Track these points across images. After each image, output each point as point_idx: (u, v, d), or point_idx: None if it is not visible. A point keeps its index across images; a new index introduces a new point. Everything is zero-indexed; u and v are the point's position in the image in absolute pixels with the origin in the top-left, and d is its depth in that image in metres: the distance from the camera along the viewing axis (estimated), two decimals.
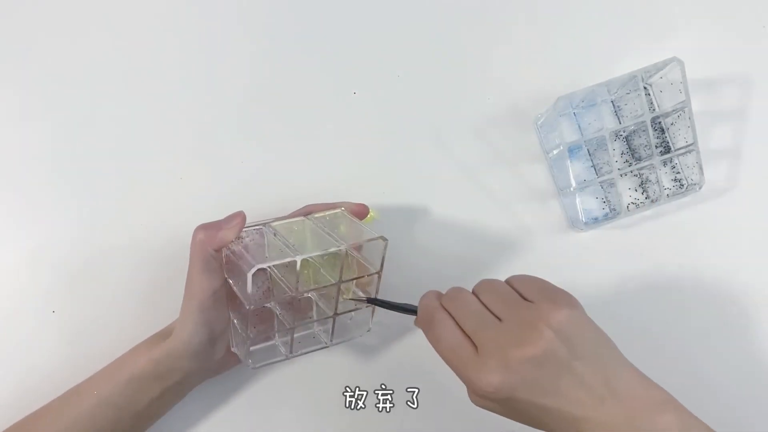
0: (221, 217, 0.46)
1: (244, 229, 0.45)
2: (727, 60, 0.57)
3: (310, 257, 0.43)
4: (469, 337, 0.39)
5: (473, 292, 0.42)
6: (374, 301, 0.46)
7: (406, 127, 0.56)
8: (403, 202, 0.55)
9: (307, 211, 0.49)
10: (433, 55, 0.56)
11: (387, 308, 0.46)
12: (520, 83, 0.56)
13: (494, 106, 0.56)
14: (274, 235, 0.46)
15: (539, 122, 0.55)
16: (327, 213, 0.49)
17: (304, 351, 0.48)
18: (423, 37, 0.56)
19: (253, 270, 0.40)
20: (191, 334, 0.44)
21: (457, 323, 0.40)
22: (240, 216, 0.45)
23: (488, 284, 0.42)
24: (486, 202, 0.55)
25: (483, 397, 0.38)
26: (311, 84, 0.56)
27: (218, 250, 0.44)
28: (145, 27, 0.56)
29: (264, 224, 0.47)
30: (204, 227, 0.45)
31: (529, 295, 0.40)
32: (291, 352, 0.47)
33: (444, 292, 0.43)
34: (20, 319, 0.53)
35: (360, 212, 0.50)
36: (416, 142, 0.56)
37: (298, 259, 0.41)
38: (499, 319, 0.39)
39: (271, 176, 0.55)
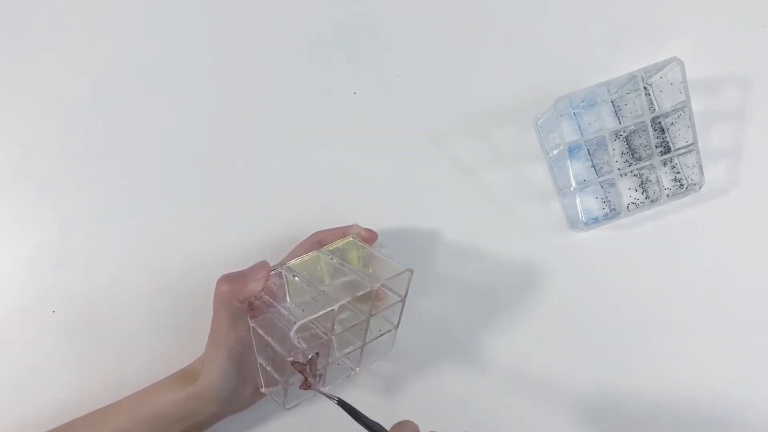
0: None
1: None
2: (727, 60, 0.57)
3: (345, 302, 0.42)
4: None
5: None
6: (343, 405, 0.43)
7: (406, 127, 0.56)
8: (402, 202, 0.55)
9: (316, 239, 0.49)
10: (433, 55, 0.56)
11: (353, 417, 0.43)
12: (520, 83, 0.56)
13: (494, 106, 0.56)
14: (294, 276, 0.45)
15: (539, 122, 0.55)
16: (339, 244, 0.48)
17: (334, 382, 0.48)
18: (423, 37, 0.56)
19: (296, 327, 0.39)
20: (219, 380, 0.44)
21: None
22: (265, 267, 0.44)
23: None
24: (486, 202, 0.55)
25: None
26: (311, 84, 0.56)
27: (243, 302, 0.43)
28: (146, 29, 0.56)
29: (281, 266, 0.46)
30: (228, 279, 0.43)
31: None
32: (323, 385, 0.46)
33: None
34: (20, 319, 0.53)
35: (369, 238, 0.49)
36: (416, 142, 0.56)
37: (336, 306, 0.41)
38: None
39: (271, 176, 0.55)
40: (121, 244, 0.54)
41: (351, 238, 0.49)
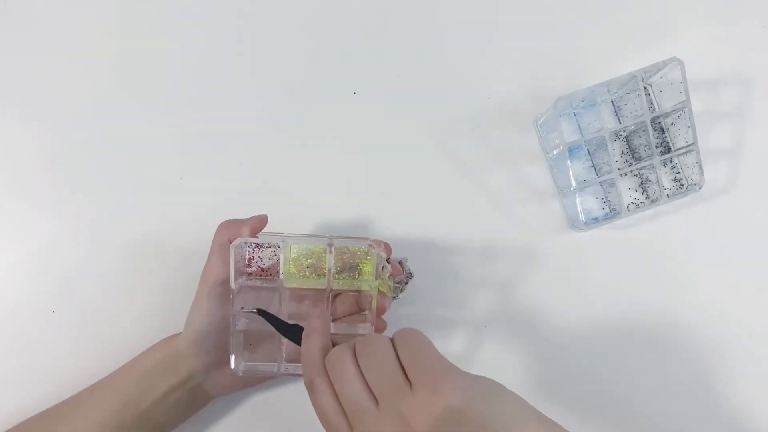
0: (220, 217, 0.47)
1: (261, 248, 0.46)
2: (727, 60, 0.57)
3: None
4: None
5: (356, 354, 0.38)
6: (263, 314, 0.44)
7: (406, 127, 0.56)
8: (402, 202, 0.55)
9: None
10: (433, 55, 0.56)
11: (272, 325, 0.44)
12: (520, 83, 0.56)
13: (494, 106, 0.56)
14: (289, 267, 0.46)
15: (539, 122, 0.55)
16: (356, 248, 0.46)
17: (293, 372, 0.48)
18: (423, 38, 0.56)
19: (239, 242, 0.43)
20: (198, 323, 0.45)
21: (337, 393, 0.37)
22: (262, 219, 0.47)
23: (371, 349, 0.38)
24: (486, 202, 0.55)
25: None
26: (311, 84, 0.56)
27: (232, 239, 0.45)
28: (144, 28, 0.56)
29: (283, 238, 0.46)
30: (228, 220, 0.47)
31: (411, 372, 0.36)
32: (281, 368, 0.47)
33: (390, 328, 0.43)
34: (20, 319, 0.53)
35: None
36: (416, 142, 0.56)
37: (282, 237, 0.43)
38: (377, 401, 0.36)
39: (271, 176, 0.55)
40: (122, 244, 0.54)
41: (372, 248, 0.46)
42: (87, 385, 0.47)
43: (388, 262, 0.47)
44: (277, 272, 0.46)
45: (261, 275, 0.46)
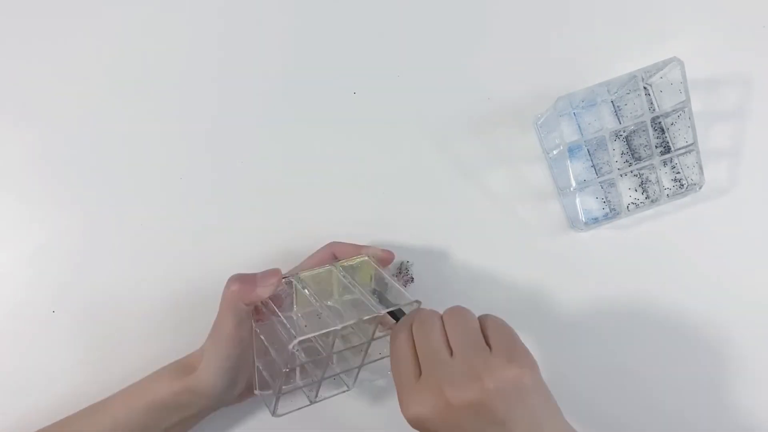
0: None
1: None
2: (727, 60, 0.57)
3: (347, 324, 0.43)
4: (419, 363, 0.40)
5: (443, 316, 0.42)
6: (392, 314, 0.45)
7: (406, 128, 0.56)
8: (402, 202, 0.55)
9: (331, 251, 0.49)
10: (433, 55, 0.56)
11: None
12: (520, 83, 0.56)
13: (494, 106, 0.56)
14: (303, 288, 0.46)
15: (539, 122, 0.55)
16: (354, 262, 0.48)
17: (326, 396, 0.47)
18: (423, 37, 0.56)
19: (295, 342, 0.40)
20: (215, 377, 0.44)
21: (416, 346, 0.40)
22: (277, 275, 0.45)
23: (459, 315, 0.42)
24: (486, 202, 0.55)
25: (408, 422, 0.39)
26: (311, 84, 0.56)
27: (249, 305, 0.44)
28: (144, 27, 0.56)
29: (293, 275, 0.47)
30: (239, 279, 0.44)
31: (492, 341, 0.40)
32: (315, 399, 0.46)
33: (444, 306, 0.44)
34: (20, 319, 0.53)
35: (385, 259, 0.49)
36: (416, 142, 0.56)
37: (339, 327, 0.41)
38: (452, 354, 0.39)
39: (270, 176, 0.55)
40: (122, 244, 0.54)
41: (366, 258, 0.48)
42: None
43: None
44: (290, 305, 0.46)
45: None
